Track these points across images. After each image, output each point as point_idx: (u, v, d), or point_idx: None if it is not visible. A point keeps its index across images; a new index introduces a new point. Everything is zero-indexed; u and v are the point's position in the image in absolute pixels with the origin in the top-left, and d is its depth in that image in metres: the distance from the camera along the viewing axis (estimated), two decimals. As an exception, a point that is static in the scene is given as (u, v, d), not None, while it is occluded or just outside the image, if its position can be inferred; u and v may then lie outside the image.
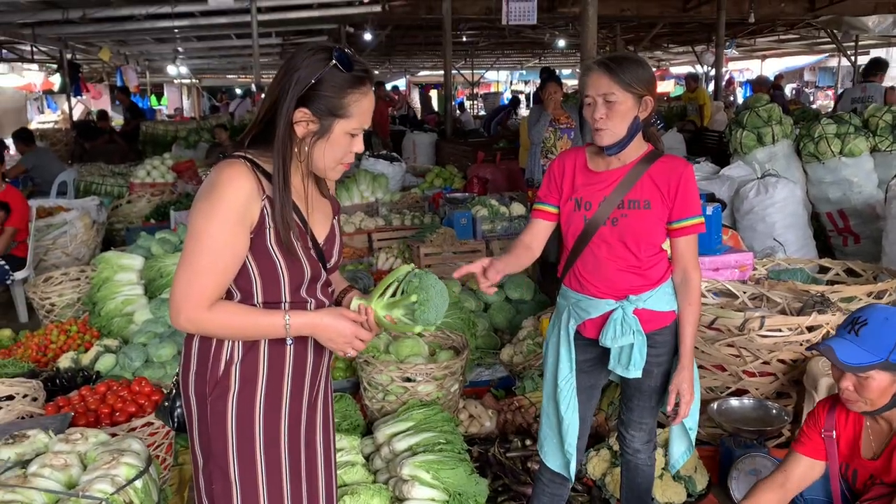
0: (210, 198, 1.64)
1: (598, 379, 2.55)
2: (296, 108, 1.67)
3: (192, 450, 1.82)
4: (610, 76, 2.23)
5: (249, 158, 1.70)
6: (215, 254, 1.64)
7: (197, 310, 1.64)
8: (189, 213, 1.75)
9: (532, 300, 5.25)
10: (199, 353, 1.76)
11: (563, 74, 26.80)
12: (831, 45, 16.36)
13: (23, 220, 5.63)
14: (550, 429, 2.55)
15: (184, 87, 26.92)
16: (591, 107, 2.27)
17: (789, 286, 3.79)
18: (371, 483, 3.00)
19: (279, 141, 1.67)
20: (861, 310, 2.22)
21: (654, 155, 2.35)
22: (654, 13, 12.39)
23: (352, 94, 1.69)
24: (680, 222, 2.33)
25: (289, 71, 1.68)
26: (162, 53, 16.00)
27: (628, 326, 2.33)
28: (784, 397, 3.41)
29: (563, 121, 6.15)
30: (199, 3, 8.90)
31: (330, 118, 1.69)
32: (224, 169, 1.67)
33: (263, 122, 1.72)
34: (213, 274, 1.65)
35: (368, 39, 14.01)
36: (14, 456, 2.32)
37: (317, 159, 1.74)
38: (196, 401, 1.77)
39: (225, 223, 1.63)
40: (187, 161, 9.44)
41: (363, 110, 1.73)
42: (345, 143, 1.74)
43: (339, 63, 1.67)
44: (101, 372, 4.01)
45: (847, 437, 2.30)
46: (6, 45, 12.25)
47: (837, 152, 5.96)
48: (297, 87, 1.66)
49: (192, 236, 1.65)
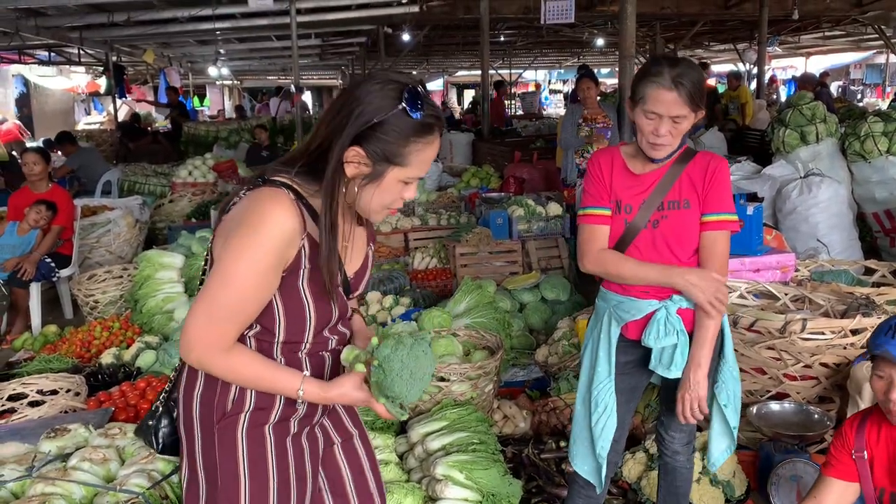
0: (248, 233, 1.48)
1: (639, 381, 2.50)
2: (350, 145, 1.51)
3: (193, 470, 1.69)
4: (683, 96, 2.12)
5: (295, 189, 1.55)
6: (241, 299, 1.50)
7: (210, 352, 1.52)
8: (219, 235, 1.56)
9: (568, 300, 5.21)
10: (207, 376, 1.64)
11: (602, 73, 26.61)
12: (879, 42, 15.96)
13: (69, 218, 5.77)
14: (581, 433, 2.51)
15: (225, 88, 27.33)
16: (654, 122, 2.16)
17: (833, 288, 3.70)
18: (404, 482, 3.01)
19: (328, 181, 1.52)
20: (894, 316, 2.13)
21: (690, 153, 2.31)
22: (695, 11, 12.21)
23: (415, 144, 1.52)
24: (707, 216, 2.26)
25: (350, 102, 1.51)
26: (204, 55, 16.28)
27: (671, 326, 2.28)
28: (826, 402, 3.32)
29: (599, 119, 6.08)
30: (239, 5, 9.03)
31: (385, 164, 1.52)
32: (267, 201, 1.50)
33: (316, 152, 1.56)
34: (236, 320, 1.52)
35: (406, 40, 14.06)
36: (55, 449, 2.38)
37: (363, 201, 1.59)
38: (200, 424, 1.65)
39: (258, 265, 1.48)
40: (228, 161, 9.58)
41: (424, 160, 1.55)
42: (396, 190, 1.58)
43: (408, 107, 1.48)
44: (141, 368, 4.09)
45: (881, 459, 2.17)
46: (55, 48, 12.58)
47: (885, 151, 5.80)
48: (356, 125, 1.49)
49: (220, 273, 1.49)
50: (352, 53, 18.28)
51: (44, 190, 5.74)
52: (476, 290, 4.53)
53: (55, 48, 12.64)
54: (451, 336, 3.84)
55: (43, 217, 5.50)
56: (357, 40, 14.64)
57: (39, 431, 2.61)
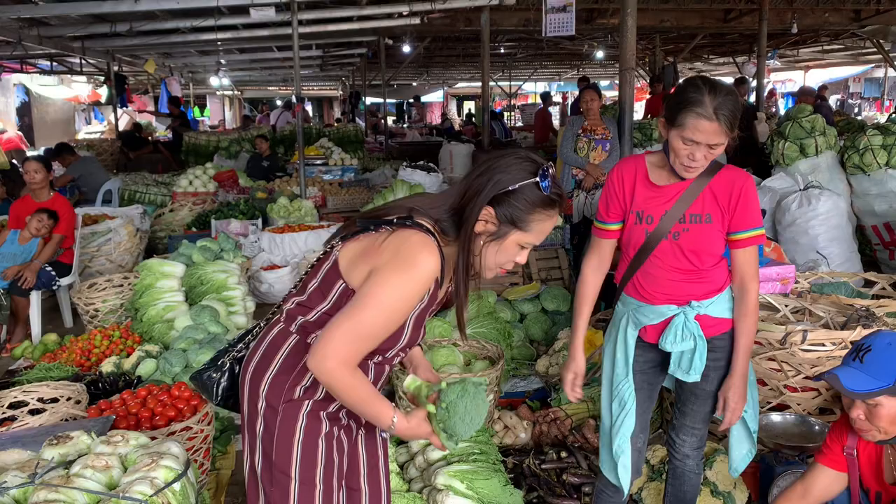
0: (403, 267, 1.66)
1: (656, 379, 2.56)
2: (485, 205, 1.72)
3: (251, 447, 1.85)
4: (723, 126, 2.12)
5: (436, 237, 1.73)
6: (383, 324, 1.69)
7: (343, 366, 1.66)
8: (371, 265, 1.72)
9: (568, 311, 5.21)
10: (285, 362, 1.80)
11: (602, 86, 26.70)
12: (877, 56, 16.04)
13: (69, 227, 5.77)
14: (605, 436, 2.56)
15: (226, 98, 27.41)
16: (691, 148, 2.17)
17: (833, 300, 3.71)
18: (405, 492, 3.00)
19: (466, 234, 1.73)
20: (866, 337, 2.18)
21: (715, 167, 2.32)
22: (695, 24, 12.28)
23: (539, 213, 1.74)
24: (739, 234, 2.32)
25: (492, 169, 1.73)
26: (205, 65, 16.33)
27: (689, 332, 2.34)
28: (827, 413, 3.33)
29: (599, 131, 6.10)
30: (241, 16, 9.07)
31: (509, 226, 1.73)
32: (421, 245, 1.68)
33: (456, 205, 1.75)
34: (372, 342, 1.70)
35: (407, 51, 14.12)
36: (58, 456, 2.37)
37: (484, 257, 1.78)
38: (265, 404, 1.80)
39: (407, 298, 1.67)
40: (228, 171, 9.60)
41: (542, 229, 1.77)
42: (513, 252, 1.78)
43: (541, 180, 1.71)
44: (142, 376, 4.09)
45: (869, 458, 2.25)
46: (56, 57, 12.61)
47: (884, 164, 5.82)
48: (494, 189, 1.71)
49: (370, 298, 1.66)
50: (352, 64, 18.34)
51: (45, 199, 5.75)
52: (477, 301, 4.54)
53: (57, 58, 12.68)
54: (451, 346, 3.85)
55: (44, 226, 5.50)
56: (358, 51, 14.68)
57: (41, 439, 2.60)
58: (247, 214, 7.73)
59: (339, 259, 1.77)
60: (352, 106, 19.29)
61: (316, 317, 1.79)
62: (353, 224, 1.82)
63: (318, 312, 1.79)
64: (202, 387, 1.97)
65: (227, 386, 1.93)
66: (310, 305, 1.80)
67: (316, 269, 1.84)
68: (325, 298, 1.78)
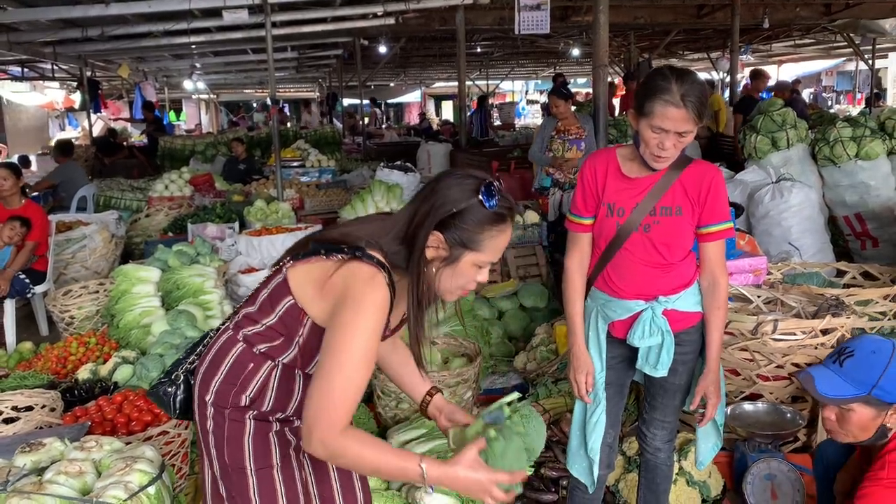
0: (360, 314, 1.60)
1: (625, 377, 2.58)
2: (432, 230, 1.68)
3: (207, 456, 1.84)
4: (690, 113, 2.13)
5: (386, 267, 1.68)
6: (354, 369, 1.59)
7: (330, 431, 1.56)
8: (327, 301, 1.69)
9: (546, 307, 5.24)
10: (231, 370, 1.80)
11: (578, 83, 26.82)
12: (848, 49, 16.26)
13: (43, 234, 5.71)
14: (577, 432, 2.58)
15: (202, 102, 27.23)
16: (660, 137, 2.18)
17: (804, 290, 3.76)
18: (384, 490, 3.01)
19: (415, 265, 1.70)
20: (851, 340, 2.19)
21: (684, 160, 2.34)
22: (668, 20, 12.39)
23: (489, 231, 1.70)
24: (709, 227, 2.34)
25: (434, 193, 1.70)
26: (179, 69, 16.20)
27: (657, 327, 2.36)
28: (799, 401, 3.38)
29: (572, 131, 6.11)
30: (214, 19, 9.01)
31: (461, 249, 1.70)
32: (371, 282, 1.63)
33: (403, 234, 1.72)
34: (359, 392, 1.62)
35: (383, 52, 14.11)
36: (30, 463, 2.36)
37: (440, 282, 1.74)
38: (213, 410, 1.80)
39: (369, 337, 1.61)
40: (204, 175, 9.55)
41: (497, 247, 1.74)
42: (470, 273, 1.75)
43: (484, 198, 1.67)
44: (118, 383, 4.05)
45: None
46: (28, 63, 12.47)
47: (853, 155, 5.90)
48: (438, 214, 1.67)
49: (334, 350, 1.59)
50: (328, 66, 18.29)
51: (17, 206, 5.69)
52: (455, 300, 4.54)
53: (28, 64, 12.53)
54: (429, 344, 3.85)
55: (17, 233, 5.44)
56: (334, 52, 14.64)
57: (14, 447, 2.58)
58: (223, 218, 7.69)
59: (289, 276, 1.76)
60: (329, 107, 19.25)
61: (262, 329, 1.79)
62: (306, 245, 1.80)
63: (264, 326, 1.78)
64: (159, 402, 1.95)
65: (184, 398, 1.92)
66: (257, 318, 1.80)
67: (265, 283, 1.84)
68: (272, 311, 1.77)
